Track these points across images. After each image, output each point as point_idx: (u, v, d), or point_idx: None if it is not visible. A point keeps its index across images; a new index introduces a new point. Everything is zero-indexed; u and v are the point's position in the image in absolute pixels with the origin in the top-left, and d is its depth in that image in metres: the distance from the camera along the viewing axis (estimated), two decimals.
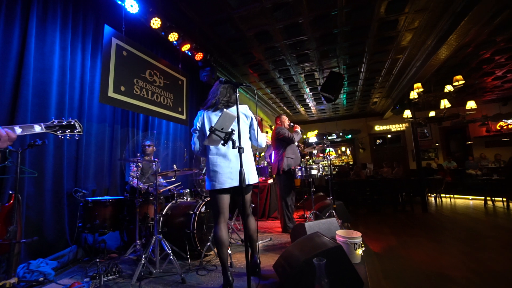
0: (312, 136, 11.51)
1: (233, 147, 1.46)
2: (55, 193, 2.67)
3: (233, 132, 1.50)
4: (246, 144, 2.06)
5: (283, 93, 8.47)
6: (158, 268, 2.23)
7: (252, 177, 2.01)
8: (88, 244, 2.88)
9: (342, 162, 12.56)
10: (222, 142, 1.50)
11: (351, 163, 12.34)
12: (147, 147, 3.51)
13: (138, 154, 3.04)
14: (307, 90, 8.23)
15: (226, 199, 1.98)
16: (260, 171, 4.47)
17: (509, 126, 9.53)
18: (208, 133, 1.57)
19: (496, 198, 6.56)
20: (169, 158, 4.35)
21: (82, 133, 1.60)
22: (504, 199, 6.27)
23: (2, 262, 2.00)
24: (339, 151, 12.98)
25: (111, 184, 3.36)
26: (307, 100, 9.43)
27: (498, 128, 9.78)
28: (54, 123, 1.48)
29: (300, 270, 1.75)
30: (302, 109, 10.76)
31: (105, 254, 2.78)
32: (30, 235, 2.22)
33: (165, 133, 4.38)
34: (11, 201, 1.98)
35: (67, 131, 1.49)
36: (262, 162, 5.35)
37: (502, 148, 9.61)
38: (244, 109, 2.10)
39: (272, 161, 5.18)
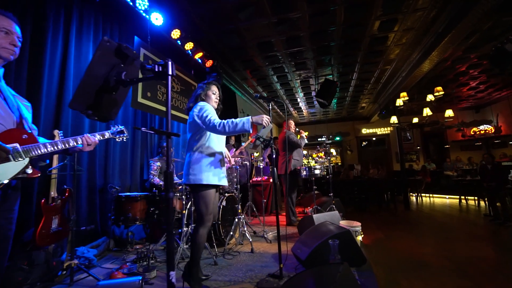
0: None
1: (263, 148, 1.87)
2: (89, 189, 2.94)
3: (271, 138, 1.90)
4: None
5: (278, 97, 8.93)
6: None
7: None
8: (115, 235, 3.16)
9: (331, 163, 13.18)
10: (263, 146, 1.90)
11: (339, 163, 12.98)
12: (165, 148, 3.83)
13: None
14: (301, 94, 8.74)
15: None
16: (263, 170, 4.89)
17: (481, 132, 10.49)
18: None
19: (469, 197, 7.29)
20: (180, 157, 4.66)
21: (128, 137, 1.92)
22: (476, 198, 7.01)
23: (58, 247, 2.28)
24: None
25: (132, 181, 3.64)
26: (300, 104, 9.95)
27: (472, 133, 10.73)
28: (113, 130, 1.83)
29: (316, 250, 2.16)
30: (294, 112, 11.28)
31: (133, 245, 3.08)
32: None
33: None
34: (66, 195, 2.27)
35: (121, 135, 1.83)
36: (259, 163, 5.73)
37: (475, 152, 10.57)
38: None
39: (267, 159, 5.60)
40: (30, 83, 2.38)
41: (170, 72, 0.86)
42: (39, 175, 1.24)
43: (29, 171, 1.18)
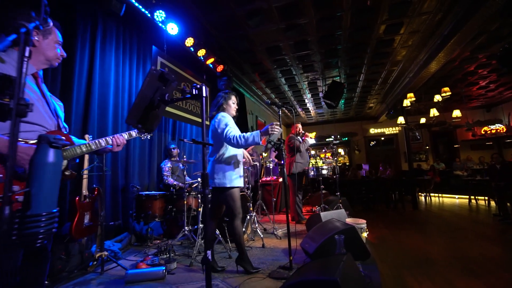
0: (311, 138, 12.17)
1: (274, 151, 2.07)
2: (113, 188, 3.19)
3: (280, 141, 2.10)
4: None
5: (286, 98, 9.09)
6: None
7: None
8: (136, 231, 3.41)
9: (339, 163, 13.24)
10: (274, 149, 2.09)
11: (347, 163, 13.01)
12: (172, 150, 4.05)
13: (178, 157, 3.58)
14: (309, 95, 8.87)
15: None
16: (272, 170, 5.08)
17: (492, 131, 10.35)
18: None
19: (479, 197, 7.24)
20: (192, 157, 4.90)
21: (152, 135, 1.98)
22: (486, 197, 6.96)
23: (88, 241, 2.52)
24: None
25: (150, 181, 3.89)
26: (308, 104, 10.06)
27: (483, 132, 10.60)
28: (139, 127, 1.94)
29: (323, 244, 2.33)
30: (302, 113, 11.40)
31: (152, 240, 3.32)
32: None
33: (189, 137, 4.92)
34: (95, 193, 2.51)
35: (146, 134, 1.87)
36: (268, 163, 5.90)
37: (485, 151, 10.41)
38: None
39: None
40: (62, 91, 2.63)
41: (204, 95, 1.06)
42: (74, 177, 1.29)
43: (67, 173, 1.16)
